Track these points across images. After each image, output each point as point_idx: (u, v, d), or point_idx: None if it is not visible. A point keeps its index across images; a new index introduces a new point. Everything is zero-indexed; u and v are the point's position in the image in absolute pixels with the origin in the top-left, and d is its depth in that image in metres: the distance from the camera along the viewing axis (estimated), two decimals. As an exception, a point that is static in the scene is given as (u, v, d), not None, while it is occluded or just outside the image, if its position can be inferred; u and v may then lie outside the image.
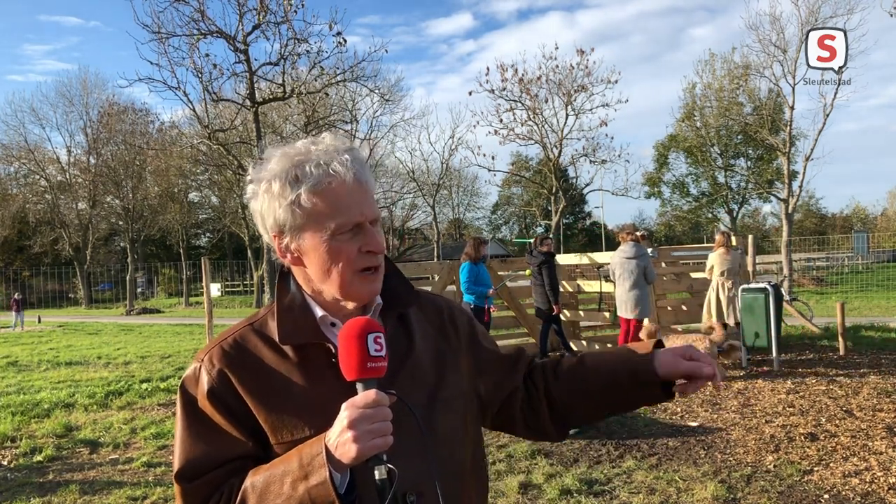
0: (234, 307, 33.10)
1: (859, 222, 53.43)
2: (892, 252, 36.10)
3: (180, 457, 1.16)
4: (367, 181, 1.16)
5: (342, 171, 1.13)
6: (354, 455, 1.01)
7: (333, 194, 1.13)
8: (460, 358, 1.31)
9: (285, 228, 1.16)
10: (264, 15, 8.59)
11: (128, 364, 12.02)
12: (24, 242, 42.24)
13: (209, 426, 1.16)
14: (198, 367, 1.20)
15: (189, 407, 1.18)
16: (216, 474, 1.14)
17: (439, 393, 1.24)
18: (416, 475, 1.14)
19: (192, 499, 1.15)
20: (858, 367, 8.14)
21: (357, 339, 1.05)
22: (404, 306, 1.27)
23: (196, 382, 1.19)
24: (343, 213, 1.13)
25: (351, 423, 1.02)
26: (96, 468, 5.53)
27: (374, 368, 1.06)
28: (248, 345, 1.20)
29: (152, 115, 38.54)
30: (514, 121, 25.96)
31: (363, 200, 1.15)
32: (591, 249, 38.72)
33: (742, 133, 33.59)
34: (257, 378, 1.17)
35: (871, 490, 4.30)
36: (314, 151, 1.15)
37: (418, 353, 1.25)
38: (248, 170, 1.22)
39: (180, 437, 1.18)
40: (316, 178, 1.12)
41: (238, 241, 43.07)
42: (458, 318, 1.37)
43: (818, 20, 22.32)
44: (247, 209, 11.26)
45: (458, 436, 1.26)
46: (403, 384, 1.17)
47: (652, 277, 8.56)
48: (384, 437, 1.03)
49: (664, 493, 4.41)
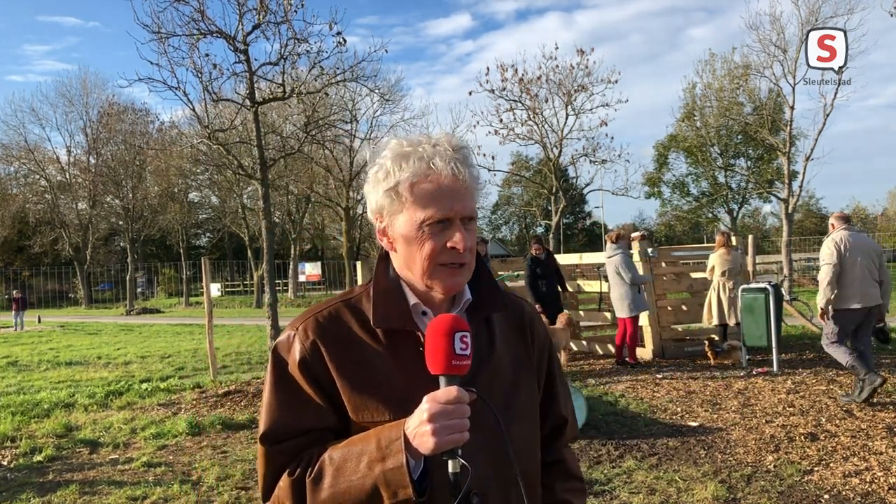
0: (234, 307, 33.11)
1: (859, 222, 53.44)
2: (892, 252, 36.07)
3: (266, 419, 1.21)
4: (466, 180, 1.18)
5: (441, 165, 1.17)
6: (431, 447, 1.05)
7: (428, 187, 1.17)
8: (533, 367, 1.34)
9: (383, 213, 1.22)
10: (264, 15, 8.57)
11: (128, 364, 12.02)
12: (24, 242, 42.21)
13: (297, 394, 1.20)
14: (292, 334, 1.24)
15: (280, 372, 1.23)
16: (298, 441, 1.19)
17: (515, 397, 1.27)
18: (484, 475, 1.16)
19: (273, 461, 1.20)
20: (858, 367, 8.13)
21: (445, 336, 1.08)
22: (491, 310, 1.30)
23: (289, 349, 1.23)
24: (434, 205, 1.16)
25: (431, 416, 1.05)
26: (96, 468, 5.53)
27: (458, 366, 1.08)
28: (342, 320, 1.24)
29: (152, 115, 38.46)
30: (514, 121, 25.91)
31: (457, 197, 1.17)
32: (591, 249, 38.75)
33: (742, 133, 33.58)
34: (347, 355, 1.21)
35: (871, 490, 4.30)
36: (423, 145, 1.19)
37: (499, 357, 1.28)
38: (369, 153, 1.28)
39: (268, 401, 1.23)
40: (415, 169, 1.17)
41: (238, 241, 43.05)
42: (538, 329, 1.39)
43: (818, 20, 22.32)
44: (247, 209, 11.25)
45: (528, 444, 1.29)
46: (483, 384, 1.19)
47: (628, 276, 8.65)
48: (461, 433, 1.05)
49: (664, 493, 4.41)
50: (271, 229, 9.88)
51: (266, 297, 9.54)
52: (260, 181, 9.46)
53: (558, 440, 1.41)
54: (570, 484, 1.40)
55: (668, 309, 9.94)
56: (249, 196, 34.52)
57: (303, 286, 38.06)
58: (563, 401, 1.42)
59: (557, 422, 1.41)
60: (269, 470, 1.20)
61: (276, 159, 13.73)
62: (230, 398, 7.83)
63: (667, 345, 9.63)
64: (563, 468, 1.40)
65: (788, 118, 25.36)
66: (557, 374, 1.42)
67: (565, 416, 1.42)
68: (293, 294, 35.74)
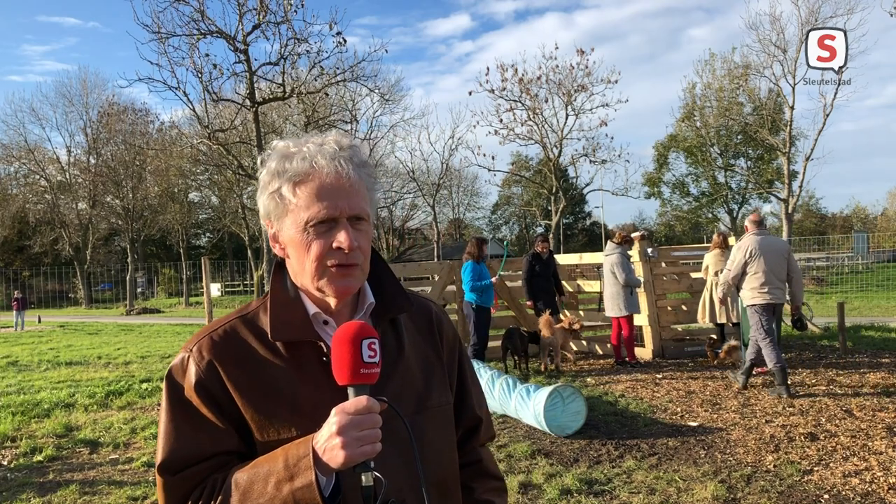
0: (234, 307, 32.98)
1: (859, 222, 53.40)
2: (892, 252, 36.04)
3: (163, 448, 1.14)
4: (352, 177, 1.13)
5: (324, 163, 1.12)
6: (342, 461, 1.00)
7: (311, 187, 1.12)
8: (444, 368, 1.31)
9: (271, 217, 1.17)
10: (264, 15, 8.59)
11: (128, 364, 12.02)
12: (24, 242, 42.25)
13: (194, 418, 1.14)
14: (186, 356, 1.17)
15: (175, 397, 1.16)
16: (199, 468, 1.12)
17: (427, 401, 1.24)
18: (401, 483, 1.13)
19: (174, 492, 1.13)
20: (858, 367, 8.14)
21: (351, 344, 1.03)
22: (397, 312, 1.25)
23: (184, 373, 1.16)
24: (317, 205, 1.11)
25: (340, 428, 1.00)
26: (96, 468, 5.52)
27: (367, 374, 1.04)
28: (239, 337, 1.18)
29: (152, 115, 38.59)
30: (514, 121, 25.98)
31: (342, 195, 1.12)
32: (591, 249, 38.70)
33: (742, 133, 33.59)
34: (246, 372, 1.14)
35: (871, 490, 4.30)
36: (307, 145, 1.15)
37: (408, 360, 1.24)
38: (257, 166, 1.22)
39: (164, 429, 1.15)
40: (296, 169, 1.12)
41: (238, 241, 43.07)
42: (446, 328, 1.35)
43: (818, 20, 22.32)
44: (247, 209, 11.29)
45: (444, 446, 1.25)
46: (393, 391, 1.15)
47: (622, 277, 8.70)
48: (373, 444, 1.02)
49: (664, 493, 4.41)
50: (271, 229, 9.86)
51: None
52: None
53: (473, 440, 1.38)
54: (490, 483, 1.38)
55: (668, 309, 9.94)
56: (249, 196, 34.47)
57: (303, 286, 37.97)
58: (475, 400, 1.38)
59: (472, 423, 1.37)
60: (171, 502, 1.13)
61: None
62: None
63: (667, 345, 9.63)
64: (481, 468, 1.38)
65: (788, 118, 25.37)
66: (469, 373, 1.38)
67: (479, 415, 1.38)
68: (293, 294, 35.66)
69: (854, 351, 9.31)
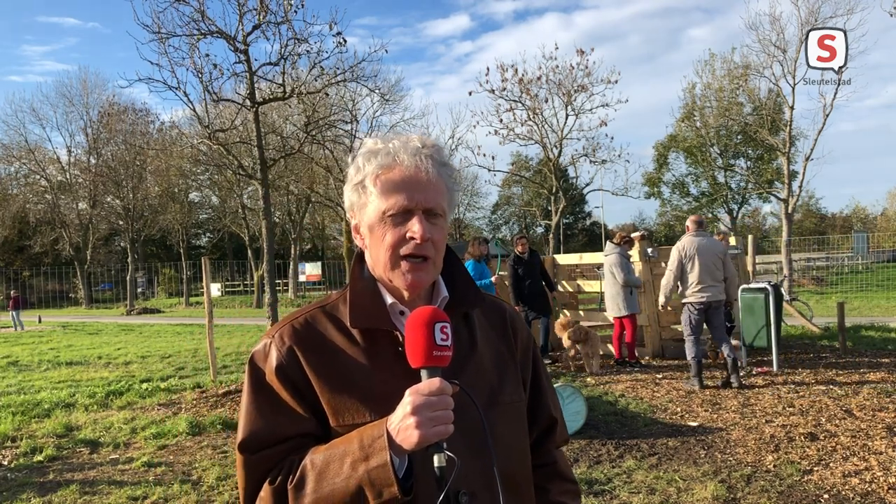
0: (235, 307, 33.11)
1: (859, 222, 53.43)
2: (892, 252, 36.06)
3: (244, 428, 1.19)
4: (430, 173, 1.17)
5: (406, 158, 1.17)
6: (416, 441, 1.03)
7: (391, 179, 1.17)
8: (517, 366, 1.32)
9: (354, 208, 1.23)
10: (264, 15, 8.56)
11: (128, 364, 12.03)
12: (24, 242, 42.24)
13: (274, 401, 1.19)
14: (268, 342, 1.22)
15: (256, 380, 1.21)
16: (277, 449, 1.17)
17: (499, 396, 1.25)
18: (470, 473, 1.14)
19: (253, 470, 1.17)
20: (858, 367, 8.14)
21: (424, 327, 1.07)
22: (470, 307, 1.28)
23: (265, 357, 1.21)
24: (395, 197, 1.16)
25: (414, 408, 1.03)
26: (96, 468, 5.53)
27: (440, 357, 1.07)
28: (319, 326, 1.23)
29: (152, 115, 38.55)
30: (514, 121, 25.89)
31: (419, 189, 1.16)
32: (591, 249, 38.69)
33: (742, 133, 33.57)
34: (324, 359, 1.19)
35: (871, 490, 4.30)
36: (392, 142, 1.20)
37: (481, 354, 1.26)
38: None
39: (245, 409, 1.21)
40: (380, 163, 1.18)
41: (238, 241, 43.06)
42: (520, 327, 1.38)
43: (818, 20, 22.29)
44: (247, 209, 11.20)
45: (514, 442, 1.26)
46: (466, 383, 1.16)
47: (621, 277, 8.71)
48: (446, 424, 1.04)
49: (664, 493, 4.41)
50: (271, 229, 9.88)
51: (266, 297, 9.54)
52: (260, 181, 9.46)
53: (549, 441, 1.38)
54: (565, 486, 1.38)
55: (668, 309, 9.93)
56: (249, 196, 34.51)
57: (303, 286, 38.03)
58: (551, 401, 1.39)
59: (547, 423, 1.38)
60: (250, 480, 1.17)
61: (277, 159, 13.72)
62: (230, 398, 7.83)
63: (667, 345, 9.63)
64: (556, 470, 1.38)
65: (788, 118, 25.34)
66: (543, 374, 1.39)
67: (555, 416, 1.39)
68: (293, 294, 35.72)
69: (854, 351, 9.31)
